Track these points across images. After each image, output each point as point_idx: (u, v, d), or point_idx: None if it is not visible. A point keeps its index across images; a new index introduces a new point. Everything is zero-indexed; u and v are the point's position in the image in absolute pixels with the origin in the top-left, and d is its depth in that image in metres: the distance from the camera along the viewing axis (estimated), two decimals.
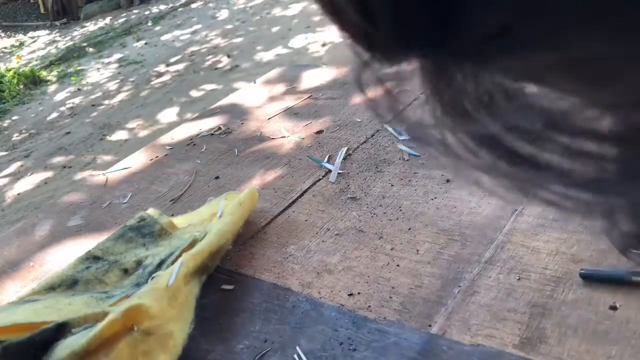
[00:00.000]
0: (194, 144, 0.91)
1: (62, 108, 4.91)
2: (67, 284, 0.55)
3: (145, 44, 6.33)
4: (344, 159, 0.70)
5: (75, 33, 8.17)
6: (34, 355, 0.43)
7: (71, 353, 0.42)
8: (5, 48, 8.53)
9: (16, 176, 3.64)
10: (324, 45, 4.27)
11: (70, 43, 7.56)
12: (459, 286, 0.44)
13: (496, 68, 0.13)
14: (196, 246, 0.52)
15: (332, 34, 4.45)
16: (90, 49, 7.01)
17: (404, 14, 0.13)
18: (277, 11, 5.80)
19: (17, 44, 8.71)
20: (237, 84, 4.00)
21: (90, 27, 8.38)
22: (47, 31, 9.05)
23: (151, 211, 0.63)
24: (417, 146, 0.66)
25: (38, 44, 8.14)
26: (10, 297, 0.62)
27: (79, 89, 5.38)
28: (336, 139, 0.77)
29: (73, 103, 4.95)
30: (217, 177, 0.77)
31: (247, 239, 0.60)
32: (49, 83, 5.97)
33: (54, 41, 8.01)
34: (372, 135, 0.75)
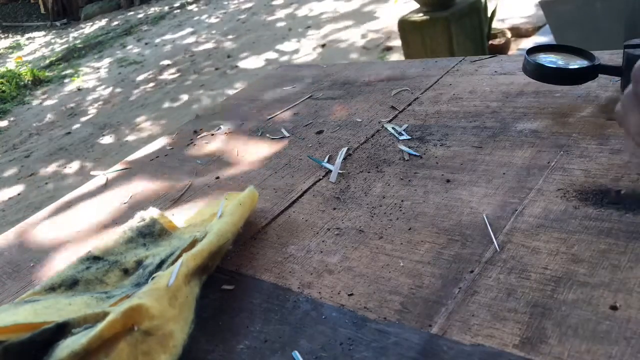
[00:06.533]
0: (194, 144, 0.91)
1: (62, 108, 4.91)
2: (67, 284, 0.55)
3: (146, 44, 6.33)
4: (344, 159, 0.70)
5: (75, 33, 8.17)
6: (34, 356, 0.43)
7: (71, 353, 0.42)
8: (5, 48, 8.52)
9: (16, 176, 3.64)
10: (323, 46, 4.27)
11: (71, 43, 7.56)
12: (459, 286, 0.44)
13: None
14: (196, 246, 0.52)
15: (330, 35, 4.46)
16: (91, 49, 7.00)
17: None
18: (275, 13, 5.80)
19: (17, 44, 8.70)
20: (236, 84, 4.00)
21: (90, 27, 8.37)
22: (47, 31, 9.05)
23: (151, 211, 0.63)
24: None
25: (38, 44, 8.14)
26: (11, 298, 0.62)
27: (79, 89, 5.38)
28: (336, 139, 0.77)
29: (73, 103, 4.95)
30: (217, 177, 0.77)
31: (247, 239, 0.60)
32: (49, 83, 5.97)
33: (54, 41, 8.00)
34: (372, 135, 0.75)
